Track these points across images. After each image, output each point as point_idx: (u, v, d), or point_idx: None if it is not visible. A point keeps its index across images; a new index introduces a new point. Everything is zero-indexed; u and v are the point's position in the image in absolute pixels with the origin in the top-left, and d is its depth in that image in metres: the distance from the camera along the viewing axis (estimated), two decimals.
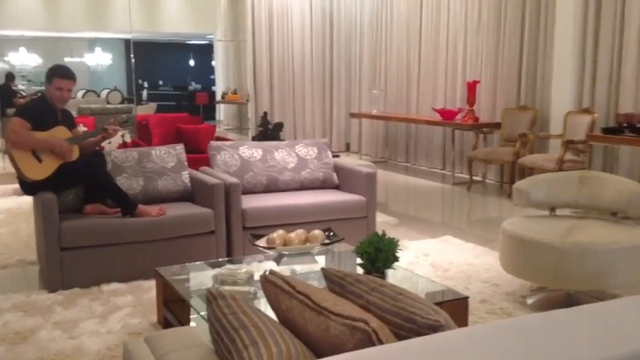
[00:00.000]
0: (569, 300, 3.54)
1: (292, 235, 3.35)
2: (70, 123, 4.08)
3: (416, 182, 7.92)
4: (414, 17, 8.91)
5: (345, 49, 10.28)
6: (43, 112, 3.93)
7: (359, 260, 3.00)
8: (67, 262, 3.70)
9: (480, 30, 7.74)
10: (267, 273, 1.63)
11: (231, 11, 15.05)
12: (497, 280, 3.85)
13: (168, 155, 4.43)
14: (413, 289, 3.06)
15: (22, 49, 15.79)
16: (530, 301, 3.54)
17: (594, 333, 1.31)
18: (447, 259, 4.32)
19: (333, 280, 1.71)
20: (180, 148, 4.53)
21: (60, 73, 3.98)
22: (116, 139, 5.85)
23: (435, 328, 1.44)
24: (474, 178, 7.44)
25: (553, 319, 1.35)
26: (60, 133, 3.91)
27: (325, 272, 1.74)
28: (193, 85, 20.67)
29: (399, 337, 1.50)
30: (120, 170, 4.21)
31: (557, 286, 3.45)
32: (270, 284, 1.59)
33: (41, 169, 3.81)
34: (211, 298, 1.55)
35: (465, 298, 2.86)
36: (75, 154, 3.92)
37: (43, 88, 4.35)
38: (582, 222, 3.62)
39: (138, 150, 4.43)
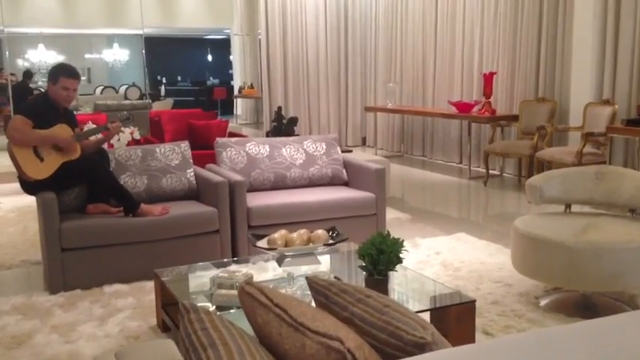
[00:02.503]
0: (584, 301, 3.39)
1: (294, 235, 3.24)
2: (72, 121, 4.02)
3: (432, 176, 7.77)
4: (429, 8, 8.73)
5: (360, 42, 10.12)
6: (46, 110, 3.87)
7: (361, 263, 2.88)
8: (68, 263, 3.64)
9: (496, 20, 7.54)
10: (244, 284, 1.53)
11: (247, 4, 14.97)
12: (510, 280, 3.71)
13: (173, 153, 4.35)
14: (418, 291, 2.95)
15: (41, 47, 15.90)
16: (543, 302, 3.40)
17: (595, 353, 1.19)
18: (458, 258, 4.18)
19: (318, 290, 1.60)
20: (185, 145, 4.45)
21: (66, 73, 3.92)
22: (125, 137, 5.77)
23: (420, 345, 1.33)
24: (492, 172, 7.27)
25: (549, 337, 1.22)
26: (61, 131, 3.85)
27: (310, 281, 1.64)
28: (211, 80, 20.66)
29: (384, 355, 1.39)
30: (123, 169, 4.15)
31: (572, 287, 3.30)
32: (248, 296, 1.49)
33: (43, 168, 3.76)
34: (184, 311, 1.45)
35: (472, 302, 2.73)
36: (76, 152, 3.86)
37: None
38: (598, 219, 3.46)
39: (142, 148, 4.36)
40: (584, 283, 3.14)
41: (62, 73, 3.89)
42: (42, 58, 15.81)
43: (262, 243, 3.28)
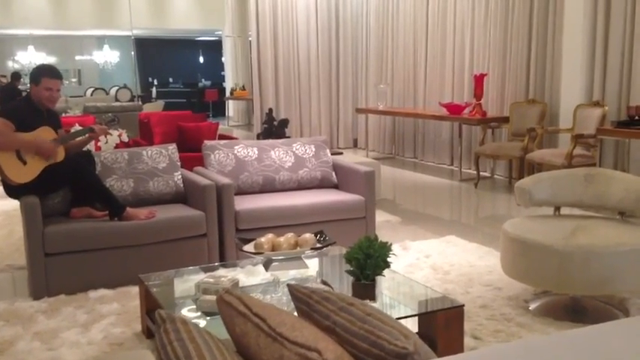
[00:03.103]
0: (574, 305, 3.37)
1: (281, 239, 3.19)
2: (55, 123, 3.96)
3: (423, 178, 7.74)
4: (420, 9, 8.71)
5: (351, 43, 10.10)
6: (28, 112, 3.81)
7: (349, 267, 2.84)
8: (52, 268, 3.59)
9: (487, 22, 7.53)
10: (223, 292, 1.49)
11: (239, 6, 14.92)
12: (500, 283, 3.68)
13: (160, 155, 4.30)
14: (406, 295, 2.91)
15: (31, 48, 15.79)
16: (533, 306, 3.37)
17: None
18: (448, 261, 4.15)
19: (299, 298, 1.57)
20: (172, 148, 4.40)
21: (48, 74, 3.87)
22: (113, 139, 5.73)
23: (402, 356, 1.29)
24: (483, 174, 7.26)
25: (531, 348, 1.19)
26: (45, 133, 3.79)
27: (291, 289, 1.60)
28: (203, 82, 20.59)
29: None
30: (110, 171, 4.10)
31: (561, 291, 3.27)
32: (226, 305, 1.45)
33: (26, 172, 3.70)
34: (160, 321, 1.41)
35: (461, 307, 2.70)
36: (60, 155, 3.81)
37: None
38: (588, 222, 3.44)
39: (128, 150, 4.31)
40: (574, 286, 3.12)
41: (44, 73, 3.84)
42: (32, 59, 15.69)
43: (249, 247, 3.23)
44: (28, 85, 12.32)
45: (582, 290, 3.15)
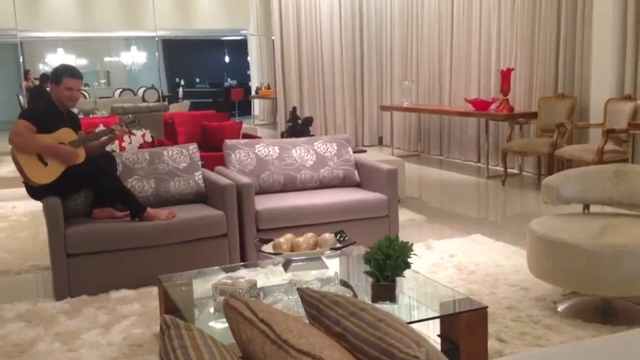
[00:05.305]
0: (604, 306, 3.25)
1: (300, 239, 3.15)
2: (75, 125, 3.98)
3: (450, 176, 7.62)
4: (445, 3, 8.58)
5: (376, 40, 10.00)
6: (49, 114, 3.83)
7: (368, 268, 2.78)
8: (74, 269, 3.60)
9: (514, 14, 7.36)
10: (229, 297, 1.44)
11: (264, 4, 14.92)
12: (527, 283, 3.58)
13: (181, 155, 4.29)
14: (428, 297, 2.84)
15: (60, 50, 16.02)
16: (561, 307, 3.26)
17: None
18: (473, 260, 4.06)
19: (310, 303, 1.51)
20: (193, 147, 4.39)
21: (69, 73, 3.89)
22: (137, 140, 5.74)
23: None
24: (510, 170, 7.11)
25: (552, 356, 1.11)
26: (65, 135, 3.81)
27: (301, 293, 1.55)
28: (229, 82, 20.66)
29: None
30: (131, 172, 4.10)
31: (590, 292, 3.15)
32: (232, 310, 1.40)
33: (47, 173, 3.72)
34: (164, 327, 1.37)
35: (484, 308, 2.61)
36: (81, 156, 3.81)
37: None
38: (618, 220, 3.31)
39: (149, 151, 4.30)
40: (604, 287, 3.00)
41: (65, 73, 3.86)
42: (61, 62, 15.91)
43: (268, 247, 3.19)
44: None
45: (612, 291, 3.04)
